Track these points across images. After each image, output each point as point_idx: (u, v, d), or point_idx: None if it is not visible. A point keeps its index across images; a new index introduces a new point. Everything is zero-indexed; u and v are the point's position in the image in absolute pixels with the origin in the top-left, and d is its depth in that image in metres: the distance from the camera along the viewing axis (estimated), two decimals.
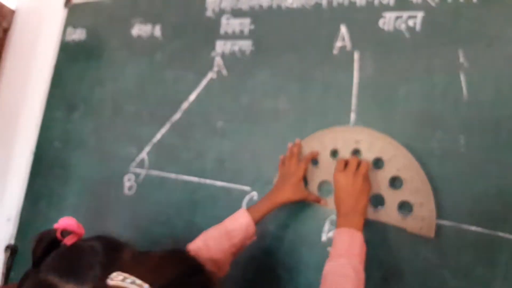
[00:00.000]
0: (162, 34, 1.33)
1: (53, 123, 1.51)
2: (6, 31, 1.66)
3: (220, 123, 1.16)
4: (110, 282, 0.49)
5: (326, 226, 0.98)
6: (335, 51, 1.05)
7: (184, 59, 1.26)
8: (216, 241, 0.86)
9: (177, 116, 1.24)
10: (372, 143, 0.91)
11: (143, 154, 1.27)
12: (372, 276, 0.85)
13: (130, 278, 0.48)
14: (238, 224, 0.88)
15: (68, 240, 0.65)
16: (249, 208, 0.92)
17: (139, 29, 1.38)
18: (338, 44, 1.05)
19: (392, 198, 0.88)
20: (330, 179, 0.93)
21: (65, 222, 0.66)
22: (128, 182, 1.30)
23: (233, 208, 1.00)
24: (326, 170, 0.95)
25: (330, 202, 0.95)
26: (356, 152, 0.94)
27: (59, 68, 1.54)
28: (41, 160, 1.52)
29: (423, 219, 0.84)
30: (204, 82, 1.21)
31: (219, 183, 1.13)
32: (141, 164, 1.27)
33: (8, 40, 1.66)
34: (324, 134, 0.99)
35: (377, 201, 0.91)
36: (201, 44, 1.23)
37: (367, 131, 0.94)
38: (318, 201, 0.96)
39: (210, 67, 1.20)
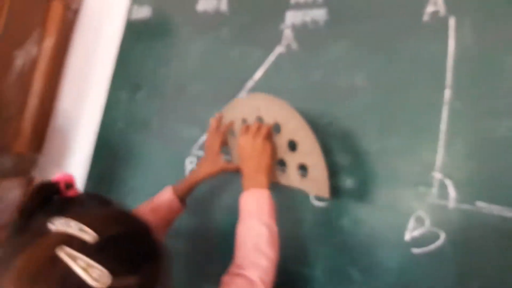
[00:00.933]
0: (228, 8, 1.24)
1: (117, 104, 1.49)
2: (76, 12, 1.66)
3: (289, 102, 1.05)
4: (52, 226, 0.48)
5: (411, 223, 0.84)
6: (425, 18, 0.90)
7: (251, 33, 1.16)
8: (145, 216, 0.85)
9: (242, 95, 1.15)
10: (269, 108, 0.93)
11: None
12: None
13: (78, 224, 0.48)
14: (162, 200, 0.95)
15: (70, 192, 0.65)
16: (174, 185, 0.98)
17: (204, 4, 1.30)
18: (430, 9, 0.90)
19: (292, 161, 0.90)
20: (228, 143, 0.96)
21: (65, 176, 0.67)
22: (190, 165, 1.23)
23: None
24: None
25: None
26: (259, 119, 0.96)
27: (124, 48, 1.51)
28: (104, 141, 1.51)
29: (317, 180, 0.86)
30: (271, 58, 1.10)
31: None
32: (203, 147, 1.19)
33: (77, 21, 1.65)
34: (235, 104, 1.02)
35: (281, 165, 0.94)
36: (269, 16, 1.13)
37: (262, 97, 0.96)
38: (237, 170, 0.94)
39: (278, 41, 1.09)
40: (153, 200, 0.96)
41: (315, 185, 0.87)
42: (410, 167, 0.85)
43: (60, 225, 0.48)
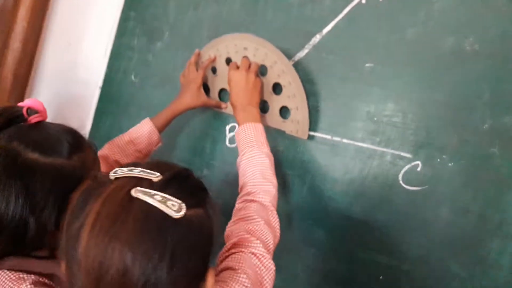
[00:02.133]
0: None
1: (128, 53, 1.24)
2: None
3: (369, 65, 0.87)
4: (111, 175, 0.50)
5: None
6: None
7: None
8: (121, 148, 0.93)
9: (303, 53, 0.95)
10: (257, 50, 0.94)
11: None
12: None
13: (139, 168, 0.50)
14: (141, 132, 0.96)
15: (34, 118, 0.63)
16: (153, 117, 0.98)
17: None
18: None
19: (275, 103, 0.94)
20: (227, 86, 0.94)
21: (31, 102, 0.65)
22: (231, 133, 1.04)
23: (387, 180, 0.83)
24: (224, 77, 0.96)
25: (229, 106, 0.96)
26: (244, 57, 0.95)
27: None
28: (112, 96, 1.26)
29: (298, 122, 0.91)
30: (347, 9, 0.90)
31: (366, 146, 0.86)
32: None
33: None
34: (218, 43, 1.01)
35: (264, 107, 0.96)
36: None
37: (251, 38, 0.95)
38: (219, 106, 1.02)
39: None
40: (130, 132, 0.96)
41: (296, 127, 0.92)
42: None
43: (120, 171, 0.50)
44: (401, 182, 0.83)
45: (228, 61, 1.00)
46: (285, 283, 0.91)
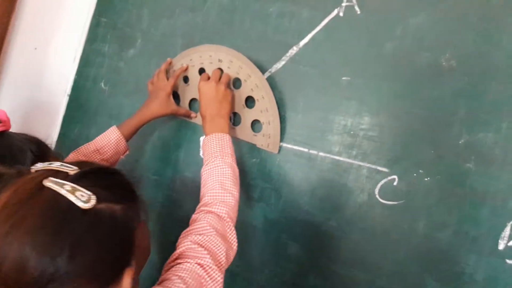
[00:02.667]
0: None
1: (98, 59, 1.19)
2: None
3: (346, 78, 0.87)
4: (33, 168, 0.50)
5: (507, 231, 0.72)
6: None
7: None
8: (87, 157, 0.90)
9: (279, 64, 0.94)
10: (231, 62, 0.94)
11: None
12: None
13: (59, 162, 0.51)
14: (108, 140, 0.94)
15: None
16: (119, 125, 0.96)
17: None
18: None
19: (247, 117, 0.94)
20: (198, 96, 0.92)
21: None
22: None
23: (363, 194, 0.82)
24: (195, 87, 0.93)
25: (199, 117, 0.95)
26: (218, 69, 0.94)
27: None
28: (80, 104, 1.21)
29: (269, 136, 0.91)
30: (325, 21, 0.90)
31: (343, 159, 0.85)
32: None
33: None
34: (193, 52, 1.00)
35: (235, 119, 0.96)
36: None
37: (226, 50, 0.94)
38: (188, 115, 1.00)
39: (337, 2, 0.89)
40: (96, 141, 0.94)
41: (266, 141, 0.92)
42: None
43: (40, 165, 0.50)
44: (377, 196, 0.82)
45: (202, 71, 0.98)
46: None
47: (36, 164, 0.51)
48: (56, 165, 0.50)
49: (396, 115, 0.82)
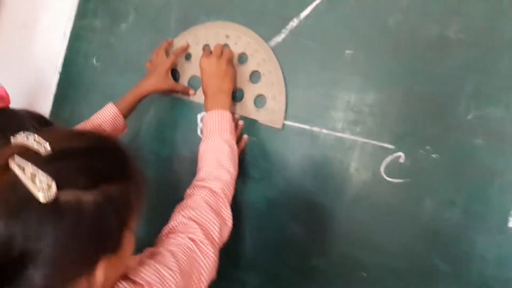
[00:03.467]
0: None
1: (89, 35, 1.15)
2: None
3: (349, 52, 0.83)
4: (13, 139, 0.47)
5: None
6: None
7: None
8: None
9: (279, 38, 0.90)
10: (239, 38, 0.92)
11: None
12: None
13: (36, 137, 0.46)
14: (105, 118, 0.91)
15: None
16: (116, 102, 0.93)
17: None
18: None
19: (250, 92, 0.91)
20: (199, 72, 0.89)
21: None
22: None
23: (368, 172, 0.79)
24: (197, 64, 0.90)
25: (198, 94, 0.95)
26: (224, 45, 0.92)
27: None
28: (72, 81, 1.17)
29: (273, 111, 0.88)
30: None
31: (346, 136, 0.82)
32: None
33: None
34: (198, 29, 0.97)
35: (238, 95, 0.92)
36: None
37: (235, 26, 0.92)
38: (186, 91, 0.96)
39: None
40: (92, 118, 0.91)
41: (270, 116, 0.89)
42: None
43: (20, 137, 0.46)
44: (383, 174, 0.79)
45: (205, 47, 0.96)
46: (265, 283, 0.87)
47: (17, 135, 0.47)
48: (31, 140, 0.45)
49: (402, 90, 0.79)
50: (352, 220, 0.82)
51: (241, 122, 0.92)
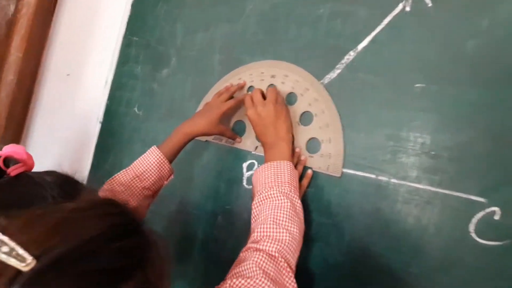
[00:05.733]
0: None
1: (131, 82, 1.09)
2: None
3: (420, 86, 0.70)
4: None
5: None
6: None
7: None
8: (125, 187, 0.76)
9: (334, 74, 0.79)
10: (286, 77, 0.83)
11: None
12: None
13: (11, 243, 0.32)
14: (149, 164, 0.79)
15: (14, 170, 0.52)
16: (160, 145, 0.81)
17: None
18: None
19: (301, 136, 0.80)
20: (244, 118, 0.87)
21: (11, 149, 0.55)
22: (249, 172, 0.86)
23: (453, 232, 0.64)
24: (242, 109, 0.86)
25: (245, 141, 0.88)
26: (270, 86, 0.85)
27: (141, 4, 1.11)
28: (113, 130, 1.11)
29: (330, 156, 0.77)
30: (387, 19, 0.74)
31: (423, 187, 0.68)
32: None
33: None
34: (242, 71, 0.89)
35: None
36: None
37: (281, 65, 0.84)
38: (234, 138, 0.88)
39: None
40: (134, 165, 0.80)
41: (326, 162, 0.77)
42: None
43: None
44: (472, 234, 0.63)
45: (251, 90, 0.89)
46: None
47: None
48: (5, 251, 0.32)
49: (491, 128, 0.64)
50: None
51: (303, 157, 0.79)
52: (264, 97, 0.79)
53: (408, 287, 0.67)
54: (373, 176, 0.72)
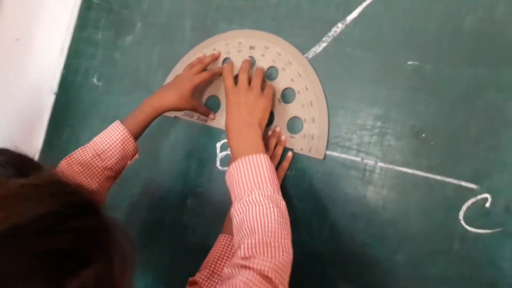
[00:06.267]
0: None
1: (90, 50, 0.98)
2: None
3: (412, 63, 0.65)
4: None
5: None
6: None
7: None
8: (84, 166, 0.68)
9: (319, 47, 0.73)
10: (267, 49, 0.76)
11: None
12: None
13: None
14: (111, 141, 0.70)
15: None
16: (124, 120, 0.72)
17: None
18: None
19: (282, 114, 0.74)
20: (218, 94, 0.80)
21: None
22: (223, 152, 0.80)
23: (441, 219, 0.61)
24: (216, 82, 0.80)
25: (218, 119, 0.80)
26: (251, 59, 0.77)
27: None
28: (69, 104, 1.00)
29: (313, 137, 0.71)
30: None
31: (411, 171, 0.63)
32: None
33: None
34: (217, 40, 0.81)
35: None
36: None
37: (262, 35, 0.77)
38: (207, 114, 0.80)
39: None
40: (95, 142, 0.71)
41: (309, 143, 0.71)
42: None
43: None
44: (462, 222, 0.60)
45: (225, 61, 0.81)
46: None
47: None
48: None
49: (483, 112, 0.61)
50: (422, 283, 0.62)
51: (283, 137, 0.73)
52: (249, 81, 0.71)
53: (394, 276, 0.64)
54: (358, 159, 0.68)
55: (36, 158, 0.61)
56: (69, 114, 1.00)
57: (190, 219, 0.81)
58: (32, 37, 1.06)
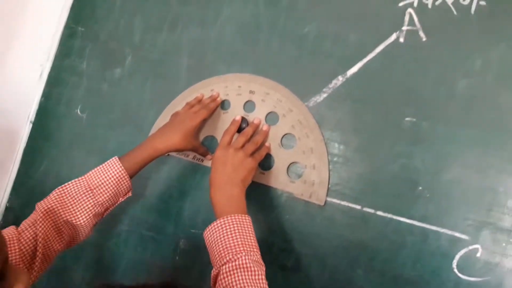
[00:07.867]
0: None
1: (73, 79, 0.95)
2: None
3: (410, 120, 0.70)
4: None
5: None
6: None
7: (348, 8, 0.76)
8: (75, 199, 0.67)
9: (320, 97, 0.76)
10: (267, 94, 0.78)
11: None
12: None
13: None
14: (106, 177, 0.69)
15: None
16: (122, 156, 0.71)
17: None
18: None
19: (282, 159, 0.76)
20: (216, 134, 0.81)
21: None
22: None
23: (436, 268, 0.65)
24: (212, 123, 0.81)
25: None
26: (248, 102, 0.79)
27: None
28: (48, 133, 0.96)
29: (313, 183, 0.73)
30: (380, 48, 0.73)
31: (409, 221, 0.68)
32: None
33: None
34: (215, 81, 0.82)
35: (266, 163, 0.76)
36: None
37: (262, 81, 0.78)
38: (205, 155, 0.81)
39: (395, 25, 0.72)
40: (90, 176, 0.69)
41: (309, 189, 0.73)
42: None
43: None
44: (455, 270, 0.65)
45: (224, 104, 0.82)
46: None
47: None
48: None
49: (478, 169, 0.66)
50: None
51: (265, 127, 0.76)
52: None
53: None
54: (358, 207, 0.71)
55: (7, 190, 0.58)
56: (48, 144, 0.95)
57: (182, 260, 0.80)
58: (8, 60, 1.00)
